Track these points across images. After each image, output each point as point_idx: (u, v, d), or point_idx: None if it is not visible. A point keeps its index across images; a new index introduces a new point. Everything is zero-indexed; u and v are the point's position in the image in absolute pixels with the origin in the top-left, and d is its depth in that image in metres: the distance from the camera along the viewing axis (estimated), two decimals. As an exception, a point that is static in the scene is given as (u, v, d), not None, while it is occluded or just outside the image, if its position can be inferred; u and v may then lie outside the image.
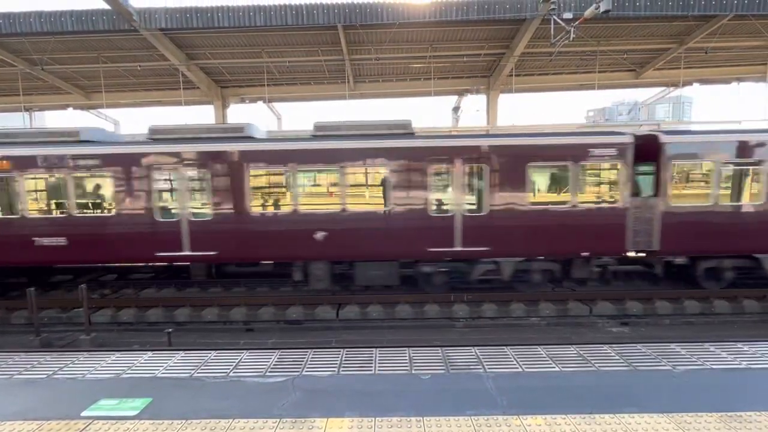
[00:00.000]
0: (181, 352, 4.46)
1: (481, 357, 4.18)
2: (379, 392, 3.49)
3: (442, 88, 17.56)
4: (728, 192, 8.71)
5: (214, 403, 3.40)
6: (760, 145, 8.51)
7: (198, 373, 3.95)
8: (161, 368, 4.08)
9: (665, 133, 8.84)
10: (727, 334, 7.80)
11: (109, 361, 4.29)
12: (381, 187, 8.78)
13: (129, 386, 3.72)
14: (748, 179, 8.70)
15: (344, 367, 3.97)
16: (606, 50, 14.87)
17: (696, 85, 17.75)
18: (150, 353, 4.49)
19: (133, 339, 8.11)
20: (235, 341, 8.01)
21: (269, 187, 9.03)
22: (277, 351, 4.32)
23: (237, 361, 4.19)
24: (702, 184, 8.80)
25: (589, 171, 8.74)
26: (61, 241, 8.65)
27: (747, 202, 8.68)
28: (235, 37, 14.11)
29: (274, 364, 4.07)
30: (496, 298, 9.17)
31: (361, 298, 9.34)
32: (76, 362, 4.28)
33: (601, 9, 8.11)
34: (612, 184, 8.75)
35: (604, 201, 8.80)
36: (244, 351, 4.36)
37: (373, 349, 4.32)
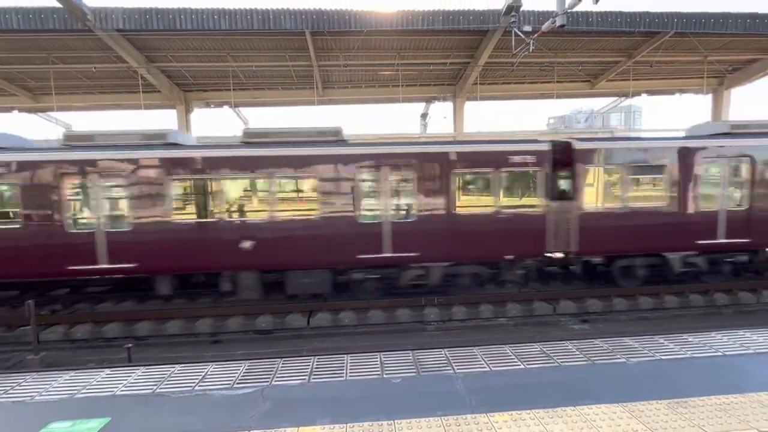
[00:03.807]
0: (142, 367, 4.25)
1: (450, 358, 4.27)
2: (351, 398, 3.49)
3: (410, 95, 17.87)
4: (637, 195, 9.31)
5: (178, 418, 3.28)
6: (662, 151, 9.18)
7: (161, 388, 3.79)
8: (120, 386, 3.88)
9: (578, 141, 9.38)
10: (675, 326, 8.38)
11: (62, 381, 4.02)
12: (309, 195, 8.75)
13: (84, 407, 3.51)
14: (654, 183, 9.38)
15: (315, 374, 3.94)
16: (563, 62, 15.72)
17: (644, 95, 19.06)
18: (108, 370, 4.25)
19: (88, 357, 7.64)
20: (202, 354, 7.72)
21: (193, 195, 8.68)
22: (245, 362, 4.22)
23: (203, 374, 4.06)
24: (614, 187, 9.36)
25: (510, 177, 9.14)
26: None
27: (653, 205, 9.29)
28: (198, 40, 13.74)
29: (242, 375, 3.97)
30: (465, 300, 9.39)
31: (333, 305, 9.28)
32: (23, 384, 3.98)
33: (558, 23, 8.58)
34: (532, 189, 9.17)
35: (524, 206, 9.17)
36: (211, 363, 4.22)
37: (345, 356, 4.31)
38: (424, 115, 21.95)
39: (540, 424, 3.10)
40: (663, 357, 4.34)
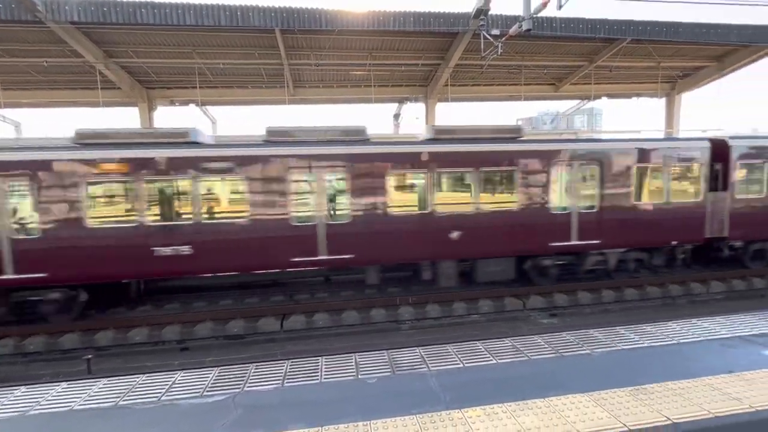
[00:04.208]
0: (103, 379, 4.02)
1: (425, 356, 4.32)
2: (326, 400, 3.46)
3: (382, 96, 17.90)
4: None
5: (142, 431, 3.13)
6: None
7: (124, 400, 3.60)
8: (79, 400, 3.66)
9: (732, 138, 10.16)
10: (635, 317, 8.86)
11: (12, 398, 3.74)
12: (510, 188, 9.19)
13: (37, 425, 3.28)
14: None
15: (289, 379, 3.87)
16: (529, 65, 16.25)
17: (604, 98, 20.02)
18: (64, 384, 3.99)
19: (43, 371, 7.17)
20: (169, 362, 7.42)
21: (413, 189, 9.18)
22: (215, 368, 4.08)
23: (170, 383, 3.89)
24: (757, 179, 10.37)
25: (678, 171, 9.98)
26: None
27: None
28: (162, 36, 13.18)
29: (212, 383, 3.84)
30: (439, 298, 9.52)
31: (306, 306, 9.17)
32: (-33, 403, 3.68)
33: (524, 28, 8.87)
34: (694, 181, 10.10)
35: (688, 196, 9.98)
36: (179, 372, 4.06)
37: (319, 358, 4.26)
38: (396, 116, 22.08)
39: (512, 417, 3.18)
40: (625, 347, 4.57)
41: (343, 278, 11.14)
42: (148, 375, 4.04)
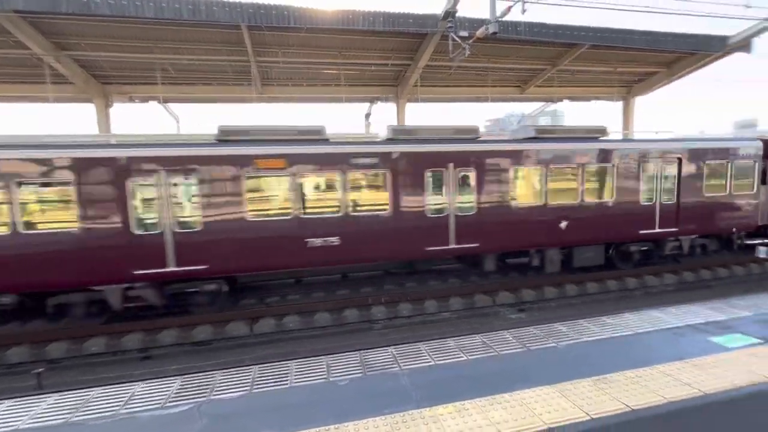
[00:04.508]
0: (54, 395, 3.75)
1: (396, 356, 4.32)
2: (296, 405, 3.38)
3: (352, 95, 17.79)
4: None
5: (99, 448, 2.94)
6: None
7: (77, 416, 3.37)
8: (26, 417, 3.39)
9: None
10: (596, 310, 9.29)
11: (-52, 420, 3.42)
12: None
13: (-22, 446, 3.01)
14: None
15: (257, 384, 3.75)
16: (496, 67, 16.68)
17: (566, 101, 20.86)
18: (9, 402, 3.69)
19: (-15, 388, 6.60)
20: (130, 373, 7.04)
21: (528, 181, 9.81)
22: (178, 377, 3.90)
23: (129, 395, 3.68)
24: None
25: (737, 167, 10.93)
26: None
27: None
28: (119, 28, 12.47)
29: (175, 393, 3.67)
30: (410, 297, 9.58)
31: (276, 309, 8.97)
32: None
33: (490, 31, 9.09)
34: (749, 176, 11.01)
35: (744, 189, 10.97)
36: (138, 383, 3.84)
37: (289, 362, 4.16)
38: (367, 115, 22.05)
39: (482, 412, 3.24)
40: (587, 339, 4.78)
41: (314, 279, 11.00)
42: (104, 387, 3.80)
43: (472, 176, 9.24)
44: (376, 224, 8.78)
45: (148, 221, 7.78)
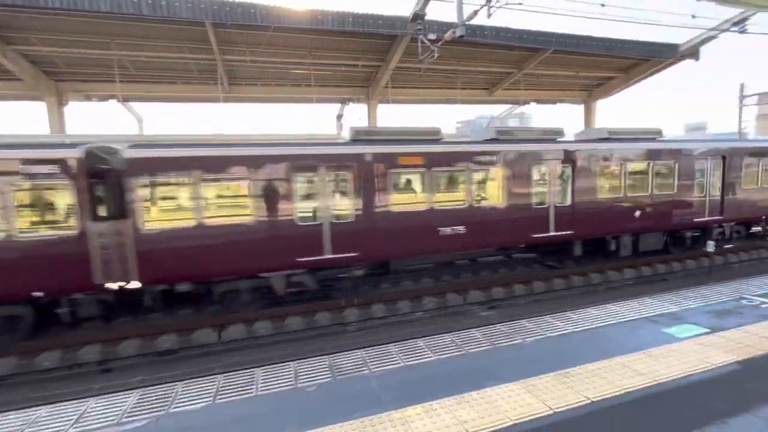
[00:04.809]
0: (-5, 416, 3.47)
1: (366, 359, 4.29)
2: (261, 414, 3.29)
3: (323, 96, 17.64)
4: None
5: (45, 471, 2.74)
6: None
7: (21, 438, 3.13)
8: (-38, 443, 3.12)
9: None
10: (561, 305, 9.61)
11: None
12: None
13: None
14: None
15: (221, 394, 3.62)
16: (465, 70, 17.01)
17: (533, 103, 21.57)
18: (-57, 427, 3.38)
19: None
20: (88, 387, 6.64)
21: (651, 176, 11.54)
22: (137, 390, 3.70)
23: (80, 412, 3.45)
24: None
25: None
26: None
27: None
28: (73, 22, 11.79)
29: (132, 407, 3.47)
30: (383, 298, 9.57)
31: (246, 315, 8.72)
32: None
33: (457, 34, 9.25)
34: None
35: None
36: (92, 398, 3.62)
37: (255, 370, 4.05)
38: (339, 116, 21.91)
39: (450, 412, 3.26)
40: (552, 334, 4.93)
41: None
42: (52, 406, 3.55)
43: (569, 172, 10.67)
44: (495, 214, 9.80)
45: (309, 213, 8.47)
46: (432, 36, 11.44)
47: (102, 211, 7.59)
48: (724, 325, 5.01)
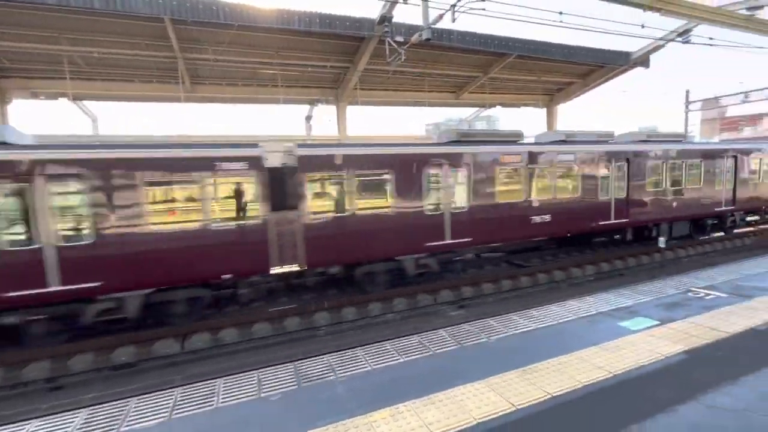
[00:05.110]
0: None
1: (333, 364, 4.23)
2: (220, 427, 3.15)
3: (291, 97, 17.33)
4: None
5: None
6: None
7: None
8: None
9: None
10: (526, 303, 9.90)
11: None
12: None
13: None
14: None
15: (178, 409, 3.45)
16: (432, 73, 17.24)
17: (498, 107, 22.18)
18: None
19: None
20: (35, 407, 6.16)
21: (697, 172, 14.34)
22: (84, 409, 3.45)
23: (21, 436, 3.18)
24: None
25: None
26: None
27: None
28: (16, 15, 10.95)
29: (78, 428, 3.24)
30: (353, 301, 9.51)
31: (212, 323, 8.41)
32: None
33: (424, 37, 9.36)
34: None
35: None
36: (32, 421, 3.34)
37: (217, 380, 3.88)
38: (308, 118, 21.62)
39: (415, 414, 3.26)
40: (516, 331, 5.05)
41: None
42: (-12, 431, 3.24)
43: (624, 168, 12.63)
44: (572, 205, 11.76)
45: (433, 204, 9.89)
46: (399, 38, 11.51)
47: (277, 203, 8.62)
48: (673, 316, 5.32)
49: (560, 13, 8.08)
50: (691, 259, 13.75)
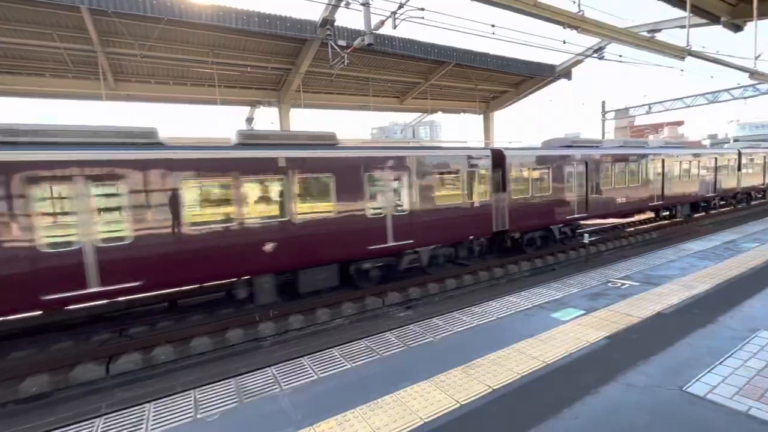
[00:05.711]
0: None
1: (277, 376, 4.07)
2: (152, 457, 2.89)
3: (229, 98, 16.55)
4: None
5: None
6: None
7: None
8: None
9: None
10: (470, 299, 10.34)
11: None
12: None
13: None
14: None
15: (101, 441, 3.10)
16: (376, 78, 17.47)
17: (440, 112, 23.04)
18: None
19: None
20: None
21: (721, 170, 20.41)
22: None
23: None
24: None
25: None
26: None
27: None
28: None
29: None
30: (301, 308, 9.27)
31: (140, 341, 7.71)
32: None
33: (366, 42, 9.42)
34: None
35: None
36: None
37: (146, 405, 3.55)
38: (249, 120, 20.78)
39: (363, 421, 3.24)
40: (458, 329, 5.24)
41: (191, 301, 9.81)
42: None
43: (658, 165, 16.92)
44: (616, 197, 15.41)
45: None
46: (342, 42, 11.50)
47: (496, 188, 12.22)
48: (595, 306, 5.85)
49: (492, 25, 8.58)
50: (611, 253, 15.28)
